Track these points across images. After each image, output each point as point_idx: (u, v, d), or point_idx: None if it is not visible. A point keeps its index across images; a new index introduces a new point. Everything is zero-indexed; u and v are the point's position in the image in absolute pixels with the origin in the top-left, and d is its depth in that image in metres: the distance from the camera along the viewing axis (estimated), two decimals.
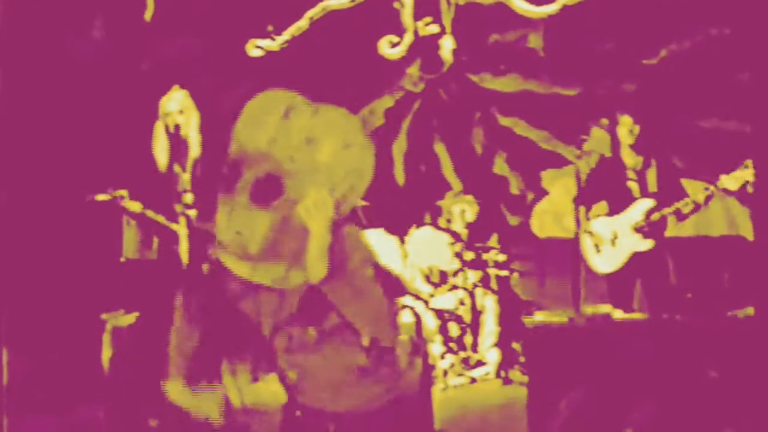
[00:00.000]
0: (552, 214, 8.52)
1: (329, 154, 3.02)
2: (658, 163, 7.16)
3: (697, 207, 6.89)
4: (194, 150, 6.46)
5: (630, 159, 7.12)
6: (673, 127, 8.08)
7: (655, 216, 6.93)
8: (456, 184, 8.61)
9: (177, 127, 6.42)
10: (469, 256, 8.07)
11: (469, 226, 8.25)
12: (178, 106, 6.46)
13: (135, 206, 6.77)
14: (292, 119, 3.08)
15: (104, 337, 6.65)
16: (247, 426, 6.43)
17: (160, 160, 6.47)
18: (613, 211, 7.13)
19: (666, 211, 6.88)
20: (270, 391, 7.26)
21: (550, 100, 8.58)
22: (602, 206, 7.12)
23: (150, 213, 6.38)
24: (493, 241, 8.38)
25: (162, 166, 6.42)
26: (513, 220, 8.75)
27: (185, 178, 6.38)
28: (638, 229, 6.95)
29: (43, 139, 7.00)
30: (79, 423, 6.37)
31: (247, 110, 3.16)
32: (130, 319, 6.66)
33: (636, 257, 7.05)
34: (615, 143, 7.20)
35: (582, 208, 6.97)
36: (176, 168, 6.34)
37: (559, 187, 8.42)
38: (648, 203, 6.98)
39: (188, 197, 6.36)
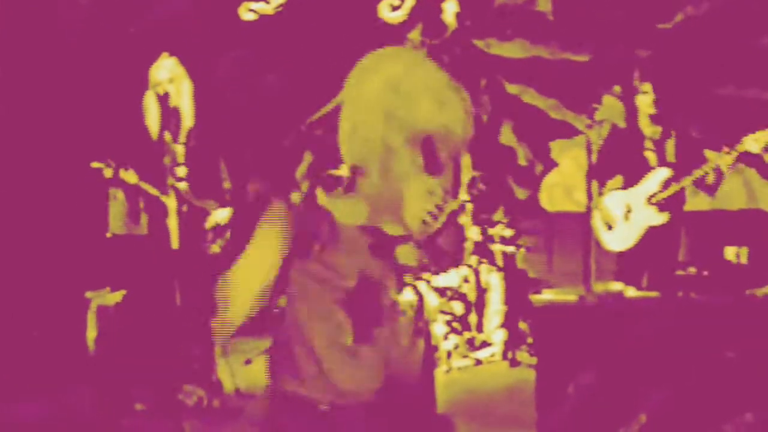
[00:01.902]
0: (561, 187, 8.52)
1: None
2: (678, 132, 7.07)
3: (719, 175, 6.80)
4: (187, 120, 6.44)
5: (648, 128, 7.05)
6: (689, 95, 8.04)
7: (674, 188, 6.84)
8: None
9: (168, 96, 6.39)
10: (474, 230, 8.02)
11: (473, 199, 8.21)
12: (168, 75, 6.45)
13: (131, 177, 6.74)
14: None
15: (89, 317, 6.63)
16: (239, 410, 6.46)
17: (152, 131, 6.43)
18: (628, 184, 7.06)
19: (686, 181, 6.79)
20: (262, 375, 7.34)
21: (560, 67, 8.56)
22: (617, 180, 7.04)
23: (145, 185, 6.35)
24: (500, 215, 8.33)
25: (154, 137, 6.38)
26: (520, 193, 8.74)
27: (178, 149, 6.34)
28: (654, 202, 6.89)
29: (25, 108, 6.98)
30: (63, 407, 6.36)
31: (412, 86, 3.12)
32: (116, 297, 6.66)
33: (650, 232, 6.99)
34: (630, 112, 7.11)
35: (594, 182, 6.92)
36: (168, 139, 6.33)
37: (569, 159, 8.43)
38: (665, 173, 6.90)
39: (181, 170, 6.34)
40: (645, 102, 7.03)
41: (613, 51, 8.38)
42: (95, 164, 6.33)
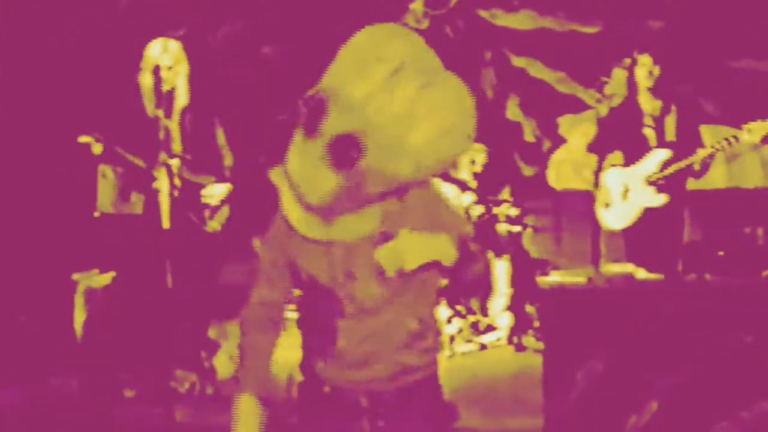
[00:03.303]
0: (570, 164, 8.51)
1: (422, 139, 2.88)
2: (679, 108, 7.03)
3: (728, 156, 6.76)
4: (182, 98, 6.45)
5: (648, 104, 7.00)
6: (702, 69, 8.02)
7: (674, 167, 6.80)
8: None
9: (164, 74, 6.41)
10: (478, 209, 7.99)
11: (478, 176, 8.19)
12: (164, 53, 6.43)
13: (121, 154, 6.71)
14: (399, 81, 2.88)
15: (76, 300, 6.62)
16: (233, 397, 6.45)
17: (147, 108, 6.44)
18: (629, 161, 7.04)
19: (679, 165, 6.76)
20: None
21: (568, 39, 8.57)
22: (617, 156, 7.00)
23: (139, 161, 6.34)
24: (505, 193, 8.32)
25: (149, 113, 6.39)
26: (527, 171, 8.74)
27: (172, 126, 6.35)
28: (652, 183, 6.85)
29: (11, 83, 6.99)
30: (50, 394, 6.38)
31: (355, 45, 2.92)
32: (105, 279, 6.64)
33: (662, 211, 6.97)
34: (632, 86, 7.07)
35: (597, 158, 6.91)
36: (161, 115, 6.35)
37: (578, 134, 8.41)
38: (664, 154, 6.86)
39: (175, 147, 6.36)
40: (643, 76, 6.98)
41: (624, 22, 8.35)
42: (83, 139, 6.30)
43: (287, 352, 3.44)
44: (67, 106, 7.12)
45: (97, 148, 6.31)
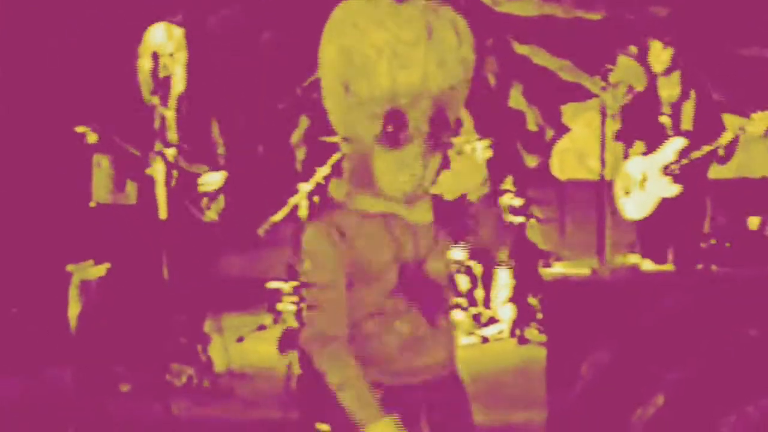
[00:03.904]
0: (574, 153, 8.53)
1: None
2: (697, 96, 7.03)
3: (735, 144, 6.76)
4: (178, 85, 6.45)
5: (664, 91, 7.01)
6: (710, 56, 8.00)
7: (691, 156, 6.81)
8: (466, 119, 8.54)
9: (162, 61, 6.41)
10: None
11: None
12: (164, 41, 6.43)
13: (128, 146, 6.71)
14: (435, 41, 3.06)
15: (71, 292, 6.60)
16: (230, 390, 6.45)
17: (143, 96, 6.43)
18: (649, 150, 7.03)
19: (697, 154, 6.76)
20: (255, 353, 7.32)
21: (572, 26, 8.52)
22: (639, 146, 7.01)
23: (134, 150, 6.34)
24: (508, 183, 8.28)
25: (146, 101, 6.38)
26: (530, 160, 8.70)
27: (168, 114, 6.34)
28: (668, 172, 6.86)
29: (5, 70, 6.98)
30: (44, 387, 6.37)
31: (340, 33, 3.04)
32: (99, 270, 6.62)
33: (669, 202, 6.97)
34: (648, 73, 7.06)
35: (609, 148, 6.90)
36: (158, 103, 6.35)
37: (582, 123, 8.44)
38: (680, 142, 6.87)
39: (170, 136, 6.34)
40: (655, 62, 6.99)
41: (629, 9, 8.33)
42: (80, 129, 6.29)
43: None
44: (60, 95, 7.10)
45: (92, 138, 6.30)
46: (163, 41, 6.41)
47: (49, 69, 7.24)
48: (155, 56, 6.36)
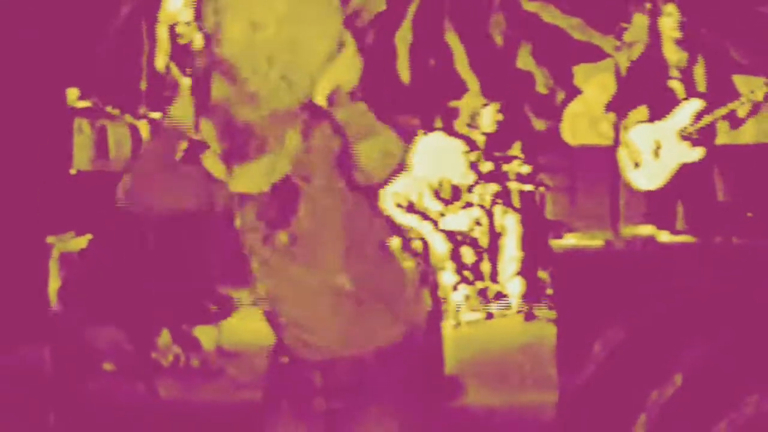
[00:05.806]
0: (586, 118, 8.54)
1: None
2: (707, 58, 7.08)
3: (755, 107, 6.78)
4: (197, 54, 6.47)
5: (673, 54, 6.99)
6: (727, 14, 7.96)
7: (705, 120, 6.80)
8: (472, 81, 8.51)
9: (182, 30, 6.43)
10: (486, 167, 7.93)
11: (487, 131, 8.14)
12: (190, 15, 6.49)
13: (113, 110, 6.77)
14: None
15: (50, 265, 6.58)
16: (220, 370, 6.43)
17: (159, 61, 6.47)
18: (655, 116, 7.00)
19: (718, 113, 6.77)
20: (248, 330, 7.28)
21: None
22: (641, 111, 6.99)
23: (129, 118, 6.32)
24: (516, 149, 8.27)
25: (160, 67, 6.41)
26: (539, 125, 8.69)
27: (184, 83, 6.40)
28: (685, 136, 6.85)
29: None
30: (21, 365, 6.36)
31: None
32: (81, 242, 6.57)
33: (684, 169, 6.95)
34: (655, 36, 7.04)
35: (616, 114, 6.88)
36: (174, 71, 6.40)
37: (595, 85, 8.46)
38: (696, 105, 6.87)
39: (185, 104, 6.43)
40: (669, 25, 6.97)
41: None
42: (71, 91, 6.30)
43: None
44: (40, 57, 7.07)
45: (81, 103, 6.31)
46: (183, 9, 6.45)
47: (29, 30, 7.21)
48: (173, 24, 6.42)
